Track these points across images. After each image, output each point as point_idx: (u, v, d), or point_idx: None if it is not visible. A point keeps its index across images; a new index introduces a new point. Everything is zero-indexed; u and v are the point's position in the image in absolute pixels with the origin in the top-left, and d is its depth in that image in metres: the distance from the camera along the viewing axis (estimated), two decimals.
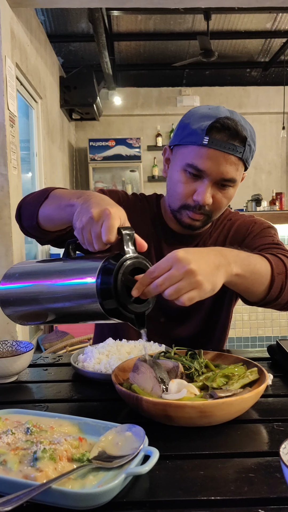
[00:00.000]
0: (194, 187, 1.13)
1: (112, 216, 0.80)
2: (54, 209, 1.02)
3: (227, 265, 0.89)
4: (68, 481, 0.60)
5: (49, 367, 1.15)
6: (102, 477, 0.62)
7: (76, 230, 0.86)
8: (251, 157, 1.16)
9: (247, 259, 0.96)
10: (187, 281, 0.78)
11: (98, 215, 0.81)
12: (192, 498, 0.58)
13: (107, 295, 0.75)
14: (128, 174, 6.96)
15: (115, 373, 0.89)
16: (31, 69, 4.13)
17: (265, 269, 0.99)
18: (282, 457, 0.54)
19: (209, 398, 0.79)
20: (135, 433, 0.69)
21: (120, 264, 0.76)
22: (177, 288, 0.78)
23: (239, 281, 0.94)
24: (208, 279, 0.81)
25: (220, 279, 0.85)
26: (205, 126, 1.09)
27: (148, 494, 0.60)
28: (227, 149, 1.08)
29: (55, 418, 0.76)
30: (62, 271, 0.86)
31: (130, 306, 0.77)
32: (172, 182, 1.18)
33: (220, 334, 1.33)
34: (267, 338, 3.52)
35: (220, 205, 1.17)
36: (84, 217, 0.83)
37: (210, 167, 1.10)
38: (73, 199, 0.94)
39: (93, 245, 0.82)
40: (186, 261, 0.79)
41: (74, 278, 0.81)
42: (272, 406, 0.88)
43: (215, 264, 0.85)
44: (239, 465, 0.66)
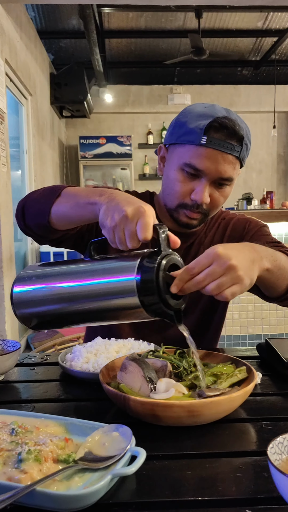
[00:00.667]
0: (191, 186, 1.13)
1: (147, 213, 0.79)
2: (72, 207, 0.99)
3: (260, 260, 0.91)
4: (53, 482, 0.59)
5: (36, 367, 1.13)
6: (88, 478, 0.61)
7: (105, 229, 0.84)
8: (247, 155, 1.17)
9: (274, 254, 0.99)
10: (229, 277, 0.80)
11: (133, 213, 0.80)
12: (179, 499, 0.57)
13: (149, 292, 0.75)
14: (119, 172, 6.94)
15: (103, 372, 0.88)
16: (20, 66, 4.09)
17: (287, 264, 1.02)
18: (270, 457, 0.54)
19: (197, 397, 0.79)
20: (122, 433, 0.68)
21: (160, 261, 0.76)
22: (219, 283, 0.80)
23: (268, 276, 0.96)
24: (248, 274, 0.84)
25: (255, 273, 0.88)
26: (203, 125, 1.08)
27: (135, 495, 0.59)
28: (225, 149, 1.08)
29: (41, 419, 0.74)
30: (97, 270, 0.83)
31: (170, 301, 0.77)
32: (169, 180, 1.18)
33: (213, 334, 1.33)
34: (257, 336, 3.53)
35: (217, 203, 1.17)
36: (116, 215, 0.81)
37: (208, 167, 1.10)
38: (94, 197, 0.91)
39: (126, 243, 0.81)
40: (227, 257, 0.80)
41: (113, 276, 0.79)
42: (260, 405, 0.87)
43: (251, 259, 0.87)
44: (227, 465, 0.66)
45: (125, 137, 6.68)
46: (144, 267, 0.75)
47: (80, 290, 0.83)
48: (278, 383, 0.98)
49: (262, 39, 5.81)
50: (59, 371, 1.08)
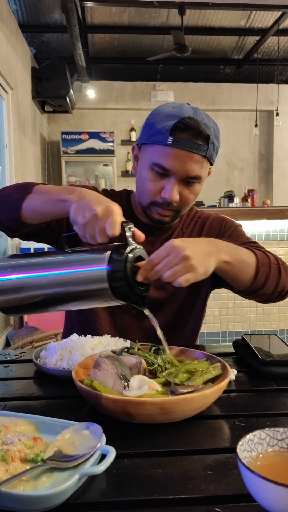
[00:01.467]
0: (161, 185, 1.17)
1: (115, 212, 0.88)
2: (43, 203, 1.04)
3: (218, 252, 1.00)
4: (19, 483, 0.58)
5: (10, 364, 1.11)
6: (56, 478, 0.60)
7: (77, 226, 0.91)
8: (215, 153, 1.20)
9: (235, 249, 1.08)
10: (183, 265, 0.91)
11: (102, 212, 0.88)
12: (147, 498, 0.57)
13: (119, 280, 0.84)
14: (101, 168, 6.90)
15: (76, 369, 0.86)
16: (1, 59, 4.02)
17: (251, 259, 1.10)
18: (239, 455, 0.53)
19: (170, 394, 0.78)
20: (92, 432, 0.67)
21: (127, 253, 0.86)
22: (174, 271, 0.90)
23: (228, 268, 1.05)
24: (201, 264, 0.93)
25: (211, 264, 0.97)
26: (169, 126, 1.12)
27: (103, 495, 0.58)
28: (190, 148, 1.12)
29: (10, 417, 0.73)
30: (70, 261, 0.92)
31: (136, 289, 0.87)
32: (140, 179, 1.22)
33: (192, 328, 1.34)
34: (237, 333, 3.55)
35: (188, 200, 1.21)
36: (87, 213, 0.89)
37: (175, 166, 1.13)
38: (65, 195, 0.98)
39: (96, 239, 0.89)
40: (181, 248, 0.91)
41: (85, 266, 0.88)
42: (234, 401, 0.87)
43: (207, 251, 0.98)
44: (197, 462, 0.65)
45: (107, 133, 6.64)
46: (114, 259, 0.85)
47: (57, 278, 0.91)
48: (253, 380, 0.98)
49: (245, 38, 5.83)
50: (33, 369, 1.07)
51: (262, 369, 0.98)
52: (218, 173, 7.25)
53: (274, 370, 0.98)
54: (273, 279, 1.13)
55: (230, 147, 7.27)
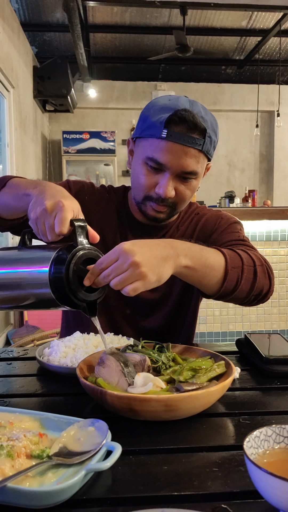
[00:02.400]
0: (155, 180, 1.12)
1: (65, 208, 0.82)
2: (12, 198, 1.03)
3: (176, 257, 0.91)
4: (25, 478, 0.58)
5: (14, 361, 1.11)
6: (61, 474, 0.59)
7: (30, 221, 0.88)
8: (213, 148, 1.15)
9: (199, 252, 0.98)
10: (132, 273, 0.82)
11: (52, 207, 0.83)
12: (154, 494, 0.56)
13: (59, 284, 0.78)
14: (102, 167, 6.90)
15: (80, 366, 0.86)
16: (3, 57, 4.02)
17: (218, 262, 1.01)
18: (246, 451, 0.53)
19: (175, 391, 0.78)
20: (98, 428, 0.66)
21: (72, 255, 0.79)
22: (122, 278, 0.82)
23: (189, 273, 0.96)
24: (153, 271, 0.84)
25: (167, 270, 0.88)
26: (163, 118, 1.07)
27: (109, 491, 0.58)
28: (186, 142, 1.06)
29: (15, 414, 0.73)
30: (18, 260, 0.88)
31: (80, 294, 0.80)
32: (134, 174, 1.17)
33: (188, 327, 1.33)
34: (237, 333, 3.54)
35: (184, 197, 1.16)
36: (38, 208, 0.85)
37: (169, 161, 1.08)
38: (29, 189, 0.95)
39: (47, 236, 0.85)
40: (131, 253, 0.82)
41: (29, 267, 0.84)
42: (238, 399, 0.87)
43: (162, 256, 0.88)
44: (203, 459, 0.65)
45: (108, 132, 6.65)
46: (57, 260, 0.79)
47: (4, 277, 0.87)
48: (256, 378, 0.98)
49: (246, 39, 5.84)
50: (37, 366, 1.06)
51: (266, 368, 0.98)
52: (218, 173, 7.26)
53: (278, 369, 0.98)
54: (246, 282, 1.04)
55: (231, 148, 7.27)
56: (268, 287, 1.10)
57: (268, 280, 1.10)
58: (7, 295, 0.88)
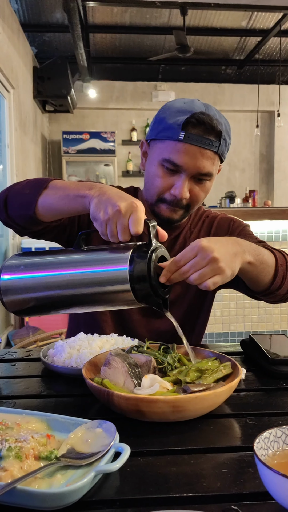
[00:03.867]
0: (171, 182, 1.15)
1: (139, 209, 0.84)
2: (60, 199, 1.00)
3: (243, 253, 0.96)
4: (34, 480, 0.57)
5: (17, 362, 1.11)
6: (70, 475, 0.59)
7: (97, 222, 0.88)
8: (227, 150, 1.18)
9: (257, 249, 1.03)
10: (211, 268, 0.86)
11: (126, 208, 0.84)
12: (163, 496, 0.56)
13: (141, 281, 0.81)
14: (102, 168, 6.89)
15: (86, 367, 0.86)
16: (2, 58, 4.02)
17: (271, 259, 1.07)
18: (256, 452, 0.53)
19: (182, 392, 0.78)
20: (105, 429, 0.66)
21: (151, 254, 0.82)
22: (202, 273, 0.86)
23: (250, 269, 1.01)
24: (229, 266, 0.90)
25: (237, 265, 0.93)
26: (181, 121, 1.09)
27: (119, 492, 0.58)
28: (203, 144, 1.09)
29: (22, 415, 0.72)
30: (88, 260, 0.88)
31: (159, 290, 0.83)
32: (149, 176, 1.19)
33: (200, 328, 1.34)
34: (239, 333, 3.54)
35: (198, 198, 1.18)
36: (109, 209, 0.85)
37: (186, 162, 1.11)
38: (84, 190, 0.94)
39: (117, 236, 0.86)
40: (210, 250, 0.86)
41: (106, 266, 0.84)
42: (244, 400, 0.87)
43: (233, 252, 0.93)
44: (212, 460, 0.65)
45: (108, 133, 6.64)
46: (136, 259, 0.82)
47: (76, 278, 0.87)
48: (262, 379, 0.98)
49: (246, 39, 5.84)
50: (41, 367, 1.06)
51: (271, 368, 0.98)
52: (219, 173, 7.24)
53: (284, 369, 0.97)
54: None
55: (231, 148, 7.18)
56: None
57: None
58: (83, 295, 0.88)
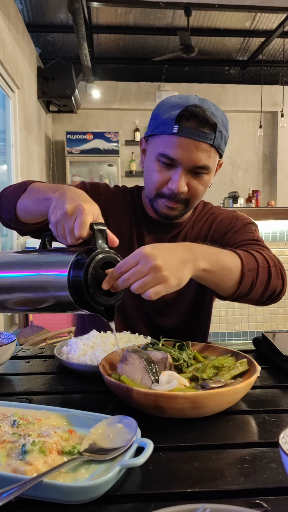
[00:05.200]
0: (168, 176, 1.14)
1: (85, 212, 0.82)
2: (32, 202, 1.03)
3: (194, 261, 0.91)
4: (59, 474, 0.58)
5: (31, 360, 1.11)
6: (94, 470, 0.59)
7: (50, 224, 0.88)
8: (224, 143, 1.17)
9: (216, 255, 0.98)
10: (153, 276, 0.81)
11: (72, 210, 0.83)
12: (189, 490, 0.57)
13: (78, 288, 0.78)
14: (105, 168, 6.90)
15: (102, 364, 0.86)
16: (8, 58, 4.02)
17: (235, 265, 1.01)
18: (282, 446, 0.53)
19: (201, 389, 0.78)
20: (126, 425, 0.67)
21: (91, 259, 0.79)
22: (143, 282, 0.81)
23: (207, 276, 0.96)
24: (174, 274, 0.84)
25: (186, 273, 0.88)
26: (174, 115, 1.09)
27: (142, 487, 0.58)
28: (197, 137, 1.09)
29: (42, 410, 0.73)
30: (37, 263, 0.87)
31: (99, 298, 0.80)
32: (147, 171, 1.19)
33: (203, 326, 1.33)
34: (243, 333, 3.55)
35: (197, 192, 1.17)
36: (58, 212, 0.85)
37: (181, 155, 1.10)
38: (50, 193, 0.96)
39: (67, 239, 0.85)
40: (152, 257, 0.81)
41: (48, 270, 0.84)
42: (261, 397, 0.87)
43: (182, 259, 0.88)
44: (233, 456, 0.65)
45: (112, 133, 6.64)
46: (76, 264, 0.79)
47: (19, 280, 0.87)
48: (276, 376, 0.98)
49: (250, 39, 5.84)
50: (55, 364, 1.07)
51: (285, 366, 0.98)
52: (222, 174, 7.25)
53: None
54: (260, 284, 1.05)
55: (234, 148, 7.27)
56: (281, 287, 1.11)
57: (282, 281, 1.10)
58: (26, 298, 0.88)
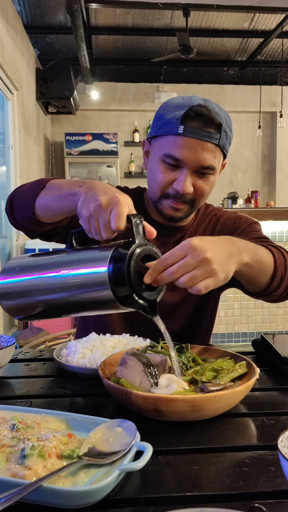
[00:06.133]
0: (173, 176, 1.13)
1: (121, 203, 0.78)
2: (54, 198, 0.98)
3: (239, 254, 0.89)
4: (58, 479, 0.58)
5: (30, 362, 1.11)
6: (93, 474, 0.59)
7: (82, 219, 0.83)
8: (229, 143, 1.17)
9: (254, 249, 0.97)
10: (203, 269, 0.78)
11: (107, 202, 0.79)
12: (188, 494, 0.57)
13: (120, 282, 0.73)
14: (104, 169, 6.90)
15: (102, 367, 0.86)
16: (7, 59, 4.03)
17: (269, 259, 1.02)
18: (281, 450, 0.53)
19: (200, 392, 0.78)
20: (125, 429, 0.67)
21: (132, 251, 0.74)
22: (193, 276, 0.78)
23: (247, 270, 0.95)
24: (222, 268, 0.82)
25: (232, 267, 0.86)
26: (179, 115, 1.09)
27: (141, 491, 0.58)
28: (202, 136, 1.08)
29: (41, 414, 0.73)
30: (71, 261, 0.82)
31: (143, 293, 0.75)
32: (151, 173, 1.18)
33: (206, 328, 1.33)
34: (243, 334, 3.55)
35: (203, 192, 1.16)
36: (91, 205, 0.80)
37: (187, 156, 1.09)
38: (75, 188, 0.91)
39: (101, 233, 0.80)
40: (202, 250, 0.78)
41: (85, 267, 0.78)
42: (260, 399, 0.87)
43: (228, 252, 0.86)
44: (232, 459, 0.65)
45: (111, 134, 6.64)
46: (116, 258, 0.74)
47: (54, 282, 0.82)
48: (275, 378, 0.98)
49: (248, 40, 5.84)
50: (54, 367, 1.07)
51: (285, 368, 0.98)
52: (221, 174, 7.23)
53: None
54: (287, 279, 1.06)
55: (233, 149, 7.27)
56: None
57: None
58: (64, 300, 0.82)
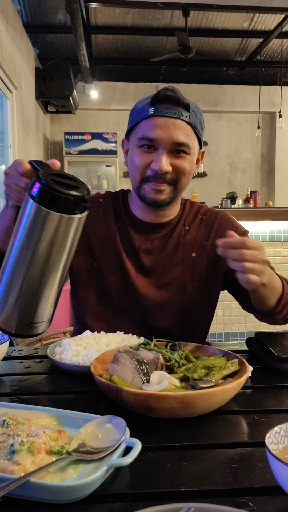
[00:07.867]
0: (150, 158, 1.17)
1: (17, 160, 0.89)
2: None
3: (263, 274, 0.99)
4: (47, 474, 0.58)
5: (24, 360, 1.11)
6: (82, 469, 0.60)
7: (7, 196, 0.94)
8: (201, 127, 1.21)
9: (272, 274, 1.09)
10: (260, 268, 0.95)
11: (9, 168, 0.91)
12: (176, 490, 0.57)
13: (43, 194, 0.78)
14: (104, 169, 6.91)
15: (94, 364, 0.86)
16: (6, 58, 4.03)
17: (279, 286, 1.13)
18: (268, 446, 0.54)
19: (191, 389, 0.78)
20: (115, 425, 0.67)
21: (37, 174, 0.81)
22: (255, 267, 0.94)
23: (262, 290, 1.07)
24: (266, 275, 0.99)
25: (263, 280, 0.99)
26: (148, 100, 1.17)
27: (130, 487, 0.58)
28: (172, 114, 1.14)
29: (32, 411, 0.73)
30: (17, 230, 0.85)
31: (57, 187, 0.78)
32: (131, 161, 1.22)
33: (202, 327, 1.33)
34: (240, 333, 3.55)
35: (183, 170, 1.18)
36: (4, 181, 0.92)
37: (160, 134, 1.14)
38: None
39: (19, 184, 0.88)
40: (264, 253, 0.95)
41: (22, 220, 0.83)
42: (251, 397, 0.87)
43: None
44: (221, 456, 0.65)
45: (110, 133, 6.65)
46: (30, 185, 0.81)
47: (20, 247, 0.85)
48: (268, 377, 0.98)
49: (248, 40, 5.85)
50: (48, 365, 1.07)
51: (277, 366, 0.99)
52: (220, 174, 7.27)
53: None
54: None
55: (233, 149, 7.28)
56: None
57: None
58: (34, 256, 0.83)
